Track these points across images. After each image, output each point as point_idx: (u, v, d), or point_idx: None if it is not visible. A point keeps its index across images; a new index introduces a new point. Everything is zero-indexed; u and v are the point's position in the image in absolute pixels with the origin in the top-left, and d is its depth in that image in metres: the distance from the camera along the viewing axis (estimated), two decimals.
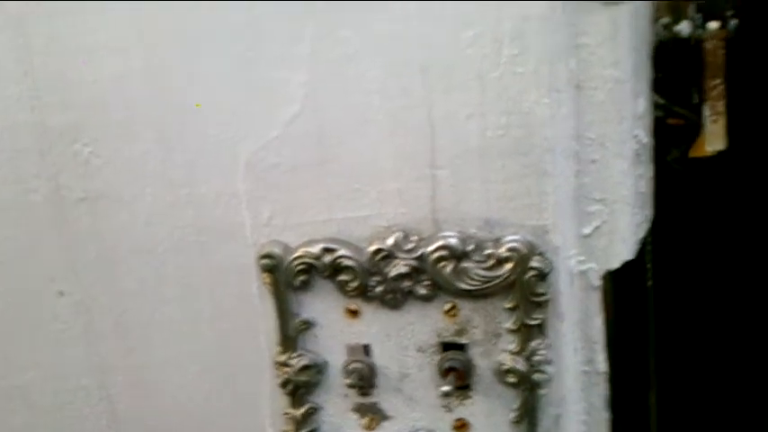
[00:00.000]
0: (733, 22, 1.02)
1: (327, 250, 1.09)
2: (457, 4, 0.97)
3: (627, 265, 1.20)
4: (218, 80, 1.05)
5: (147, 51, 1.06)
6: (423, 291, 1.09)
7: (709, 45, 1.02)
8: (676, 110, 1.10)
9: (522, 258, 1.05)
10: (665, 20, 1.04)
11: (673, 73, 1.08)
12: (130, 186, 1.12)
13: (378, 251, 1.08)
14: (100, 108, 1.10)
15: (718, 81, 1.02)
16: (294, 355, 1.15)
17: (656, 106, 1.10)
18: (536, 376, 1.10)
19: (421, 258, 1.07)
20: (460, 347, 1.11)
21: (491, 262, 1.06)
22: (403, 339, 1.13)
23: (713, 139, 1.05)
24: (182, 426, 1.26)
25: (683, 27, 1.03)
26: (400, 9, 0.98)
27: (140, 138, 1.10)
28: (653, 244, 1.34)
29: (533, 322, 1.08)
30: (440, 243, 1.06)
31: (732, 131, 1.11)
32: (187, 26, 1.05)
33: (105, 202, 1.15)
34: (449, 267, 1.06)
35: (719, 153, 1.09)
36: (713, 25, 1.03)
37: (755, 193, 1.74)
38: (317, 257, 1.09)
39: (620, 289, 1.30)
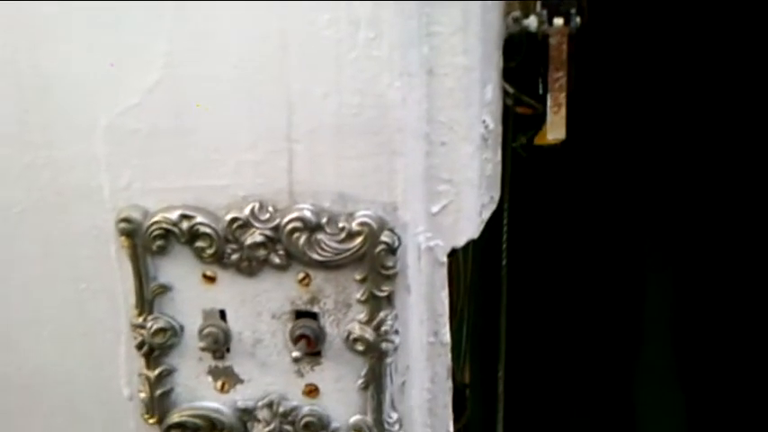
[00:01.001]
0: (576, 20, 1.08)
1: (185, 217, 1.12)
2: None
3: (484, 245, 1.26)
4: (79, 45, 1.06)
5: (5, 17, 1.07)
6: (277, 260, 1.12)
7: (553, 40, 1.09)
8: (525, 99, 1.16)
9: (372, 232, 1.10)
10: (516, 14, 1.10)
11: (523, 64, 1.14)
12: None
13: (234, 220, 1.11)
14: None
15: (560, 74, 1.09)
16: (150, 317, 1.17)
17: (507, 95, 1.16)
18: (383, 345, 1.15)
19: (276, 228, 1.11)
20: (312, 315, 1.16)
21: (343, 235, 1.10)
22: (257, 306, 1.16)
23: (554, 129, 1.11)
24: (38, 384, 1.27)
25: (531, 21, 1.09)
26: None
27: None
28: (508, 225, 1.41)
29: (382, 294, 1.13)
30: (295, 215, 1.10)
31: (577, 122, 1.18)
32: None
33: None
34: (303, 238, 1.10)
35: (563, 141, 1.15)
36: (558, 21, 1.09)
37: (597, 180, 1.85)
38: (175, 223, 1.12)
39: (477, 266, 1.37)
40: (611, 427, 2.18)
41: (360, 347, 1.15)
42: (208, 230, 1.12)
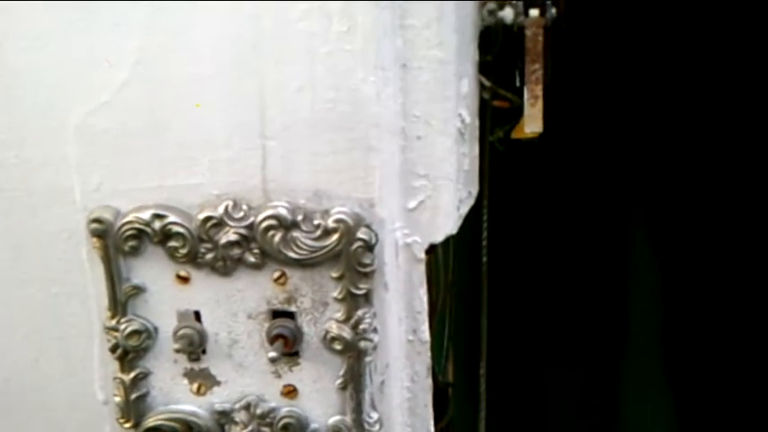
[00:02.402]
0: (552, 11, 1.07)
1: (157, 216, 1.10)
2: None
3: (464, 242, 1.25)
4: (48, 43, 1.05)
5: None
6: (252, 259, 1.11)
7: (529, 32, 1.08)
8: (502, 92, 1.15)
9: (348, 229, 1.08)
10: (491, 5, 1.08)
11: (499, 57, 1.13)
12: None
13: (208, 219, 1.09)
14: None
15: (537, 66, 1.08)
16: (124, 319, 1.15)
17: (483, 88, 1.15)
18: (362, 344, 1.14)
19: (251, 227, 1.09)
20: (289, 315, 1.14)
21: (319, 232, 1.09)
22: (233, 306, 1.15)
23: (531, 122, 1.10)
24: (11, 390, 1.25)
25: (507, 13, 1.08)
26: None
27: None
28: (488, 221, 1.40)
29: (359, 292, 1.11)
30: (269, 212, 1.08)
31: (554, 114, 1.17)
32: None
33: None
34: (278, 236, 1.09)
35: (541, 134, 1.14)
36: (534, 13, 1.08)
37: (577, 173, 1.84)
38: (147, 223, 1.10)
39: (457, 263, 1.36)
40: (596, 425, 2.17)
41: (338, 347, 1.14)
42: (181, 230, 1.10)
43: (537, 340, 2.03)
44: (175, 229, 1.09)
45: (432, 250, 1.15)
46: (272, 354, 1.12)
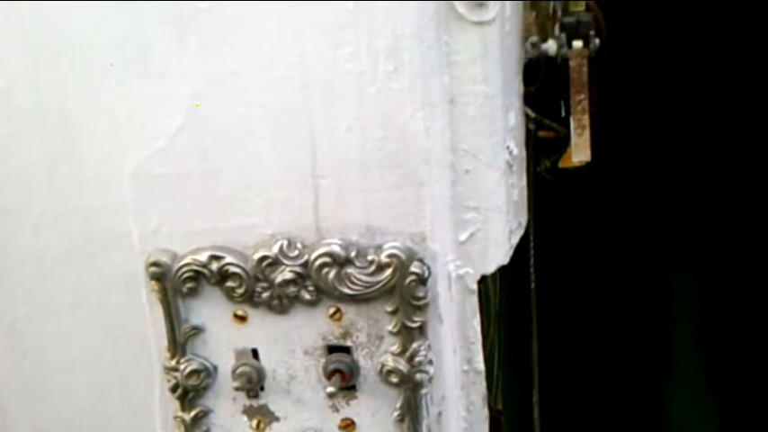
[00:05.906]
0: (595, 41, 1.09)
1: (214, 258, 1.12)
2: (332, 22, 1.01)
3: (512, 270, 1.26)
4: (103, 92, 1.07)
5: (31, 64, 1.08)
6: (308, 296, 1.12)
7: (573, 63, 1.09)
8: (547, 123, 1.16)
9: (401, 264, 1.09)
10: (534, 39, 1.10)
11: (543, 88, 1.15)
12: (17, 198, 1.13)
13: (263, 258, 1.11)
14: None
15: (582, 96, 1.09)
16: (183, 360, 1.17)
17: (529, 119, 1.16)
18: (418, 376, 1.15)
19: (305, 265, 1.11)
20: (345, 350, 1.16)
21: (372, 268, 1.10)
22: (290, 343, 1.16)
23: (578, 151, 1.11)
24: (73, 431, 1.27)
25: (550, 45, 1.10)
26: (277, 28, 1.02)
27: (25, 149, 1.11)
28: (535, 249, 1.41)
29: (414, 325, 1.12)
30: (323, 250, 1.10)
31: (602, 142, 1.18)
32: (72, 39, 1.07)
33: None
34: (332, 273, 1.10)
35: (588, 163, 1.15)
36: (577, 44, 1.09)
37: (624, 201, 1.84)
38: (205, 265, 1.12)
39: (506, 292, 1.37)
40: None
41: (394, 379, 1.15)
42: (237, 270, 1.12)
43: (585, 364, 2.03)
44: (232, 269, 1.11)
45: (482, 280, 1.16)
46: (330, 388, 1.13)
